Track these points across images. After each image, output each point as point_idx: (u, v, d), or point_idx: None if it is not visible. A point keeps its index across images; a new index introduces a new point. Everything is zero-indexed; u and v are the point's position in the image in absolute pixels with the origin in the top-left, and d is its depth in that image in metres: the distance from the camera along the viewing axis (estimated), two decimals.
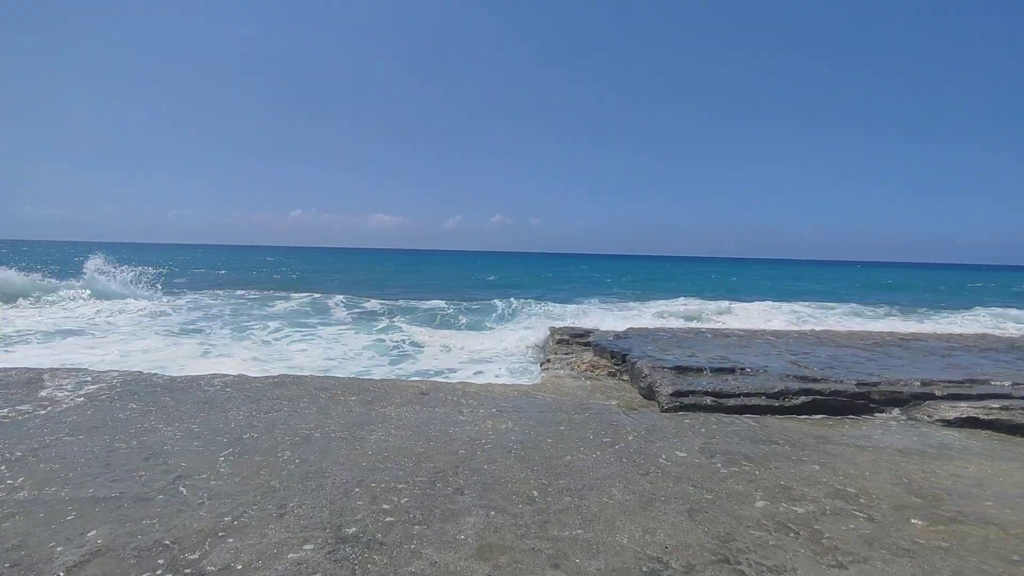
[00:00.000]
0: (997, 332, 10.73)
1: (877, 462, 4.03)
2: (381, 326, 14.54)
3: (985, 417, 4.87)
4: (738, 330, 10.19)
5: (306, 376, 6.36)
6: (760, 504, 3.22)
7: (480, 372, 9.32)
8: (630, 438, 4.35)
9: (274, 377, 6.12)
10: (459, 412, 5.02)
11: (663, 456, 3.98)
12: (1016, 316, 19.16)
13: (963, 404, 5.14)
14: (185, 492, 3.10)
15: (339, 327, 14.34)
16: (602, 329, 10.28)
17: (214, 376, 6.01)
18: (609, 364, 7.36)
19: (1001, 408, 4.97)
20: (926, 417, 5.08)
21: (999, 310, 22.02)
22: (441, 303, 21.11)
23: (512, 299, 20.80)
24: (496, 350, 11.21)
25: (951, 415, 4.98)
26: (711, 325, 11.81)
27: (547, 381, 6.80)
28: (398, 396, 5.51)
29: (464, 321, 16.63)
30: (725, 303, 19.55)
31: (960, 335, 10.19)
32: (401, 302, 21.36)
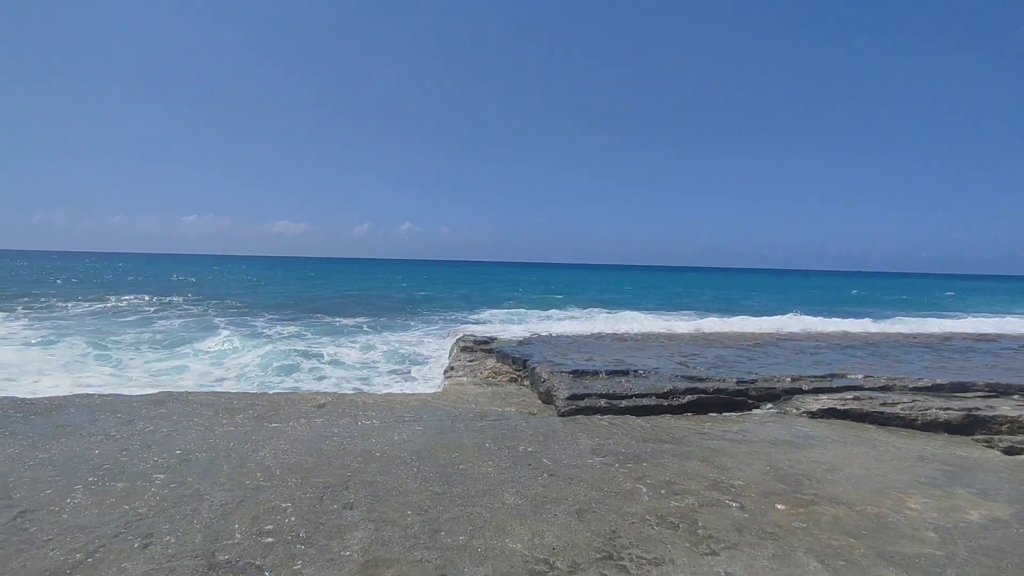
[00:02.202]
0: (857, 330, 11.98)
1: (751, 454, 4.37)
2: (281, 337, 13.86)
3: (842, 407, 5.43)
4: (635, 333, 10.67)
5: (191, 393, 5.93)
6: (645, 500, 3.39)
7: (382, 382, 9.11)
8: (526, 443, 4.43)
9: (153, 395, 5.65)
10: (356, 424, 4.88)
11: (557, 459, 4.09)
12: (879, 316, 21.49)
13: (824, 397, 5.69)
14: (30, 528, 2.78)
15: (233, 339, 13.50)
16: (506, 336, 10.40)
17: (79, 396, 5.46)
18: (511, 370, 7.46)
19: (854, 399, 5.56)
20: (794, 410, 5.58)
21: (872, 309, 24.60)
22: (345, 312, 20.45)
23: (418, 307, 20.56)
24: (400, 359, 11.02)
25: (814, 407, 5.50)
26: (610, 329, 12.29)
27: (449, 389, 6.78)
28: (293, 410, 5.27)
29: (368, 330, 16.20)
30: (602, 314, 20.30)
31: (827, 334, 11.29)
32: (302, 312, 20.48)
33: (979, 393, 5.93)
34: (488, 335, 10.38)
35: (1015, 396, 5.86)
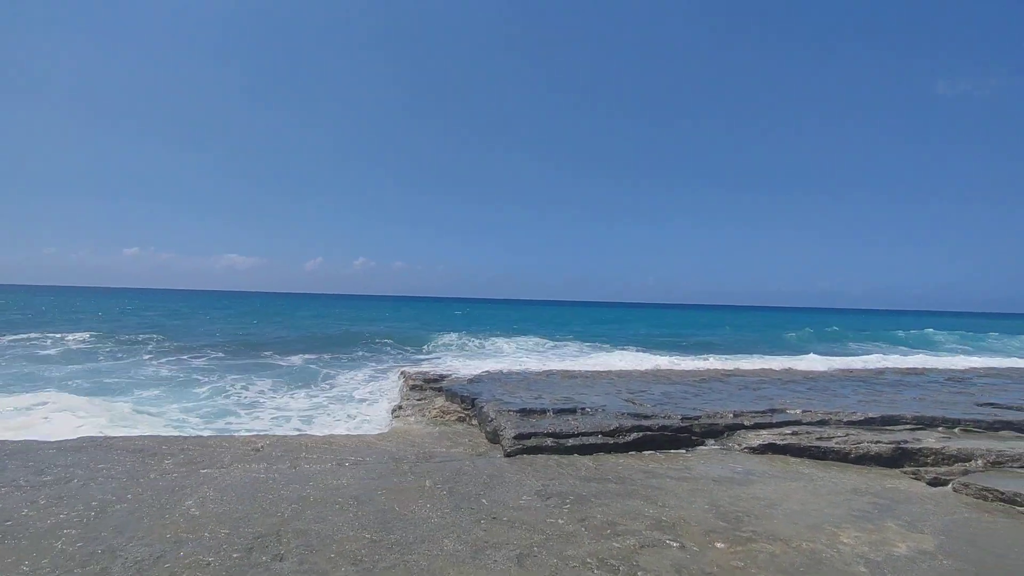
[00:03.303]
0: (799, 367, 12.43)
1: (694, 491, 4.41)
2: (218, 375, 13.26)
3: (781, 442, 5.57)
4: (585, 371, 10.74)
5: (114, 438, 5.58)
6: (587, 542, 3.35)
7: (326, 423, 8.81)
8: (470, 485, 4.34)
9: (70, 441, 5.28)
10: (294, 468, 4.69)
11: (501, 502, 4.01)
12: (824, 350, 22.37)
13: (765, 432, 5.84)
14: None
15: (165, 378, 12.84)
16: (459, 373, 10.28)
17: None
18: (460, 409, 7.35)
19: (792, 433, 5.73)
20: (736, 446, 5.69)
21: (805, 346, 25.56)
22: (291, 349, 19.80)
23: (369, 343, 20.14)
24: (346, 398, 10.71)
25: (755, 443, 5.62)
26: (561, 366, 12.35)
27: (395, 430, 6.62)
28: (228, 454, 5.02)
29: (314, 367, 15.72)
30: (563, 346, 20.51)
31: (768, 370, 11.65)
32: (245, 348, 19.71)
33: (907, 426, 6.20)
34: (439, 373, 10.23)
35: (939, 428, 6.16)
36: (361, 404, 10.23)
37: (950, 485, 4.66)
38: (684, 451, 5.66)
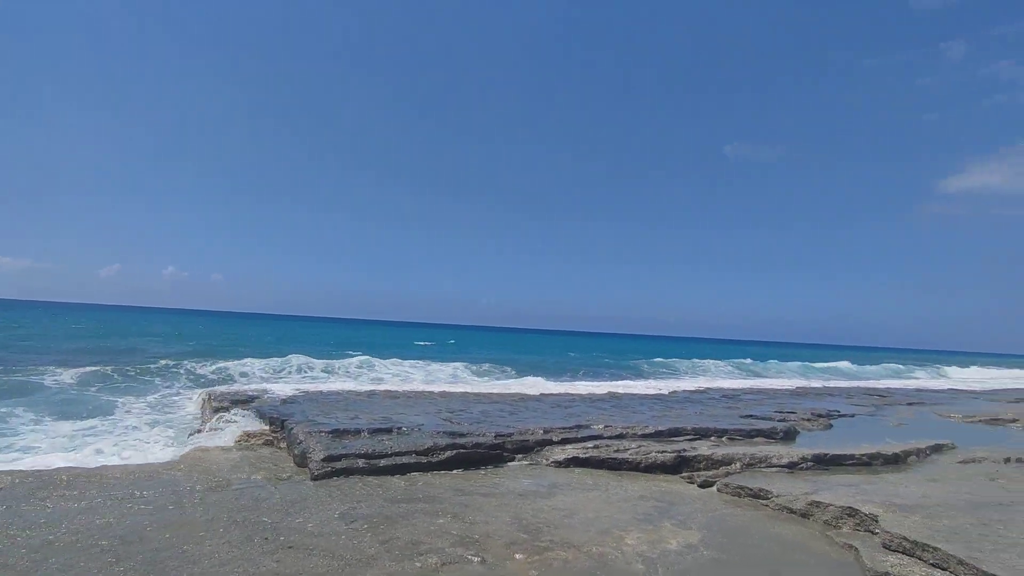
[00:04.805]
0: (603, 388, 13.63)
1: (500, 506, 4.54)
2: None
3: (583, 456, 6.00)
4: (408, 391, 10.62)
5: None
6: (387, 565, 3.26)
7: (103, 450, 7.53)
8: (268, 513, 4.00)
9: None
10: (46, 507, 3.92)
11: (300, 529, 3.75)
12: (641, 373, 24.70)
13: (570, 447, 6.25)
14: None
15: None
16: (272, 394, 9.50)
17: None
18: (268, 432, 6.79)
19: (594, 447, 6.21)
20: (544, 460, 6.01)
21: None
22: (68, 365, 16.71)
23: (171, 360, 17.79)
24: (133, 422, 9.29)
25: (561, 457, 5.99)
26: (385, 387, 12.09)
27: (188, 456, 5.89)
28: None
29: (96, 388, 13.45)
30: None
31: (576, 392, 12.57)
32: (11, 367, 16.19)
33: (688, 436, 7.08)
34: (249, 393, 9.37)
35: (712, 438, 7.12)
36: (152, 428, 8.94)
37: (715, 486, 5.39)
38: (496, 467, 5.83)
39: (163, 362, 17.92)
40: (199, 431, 7.52)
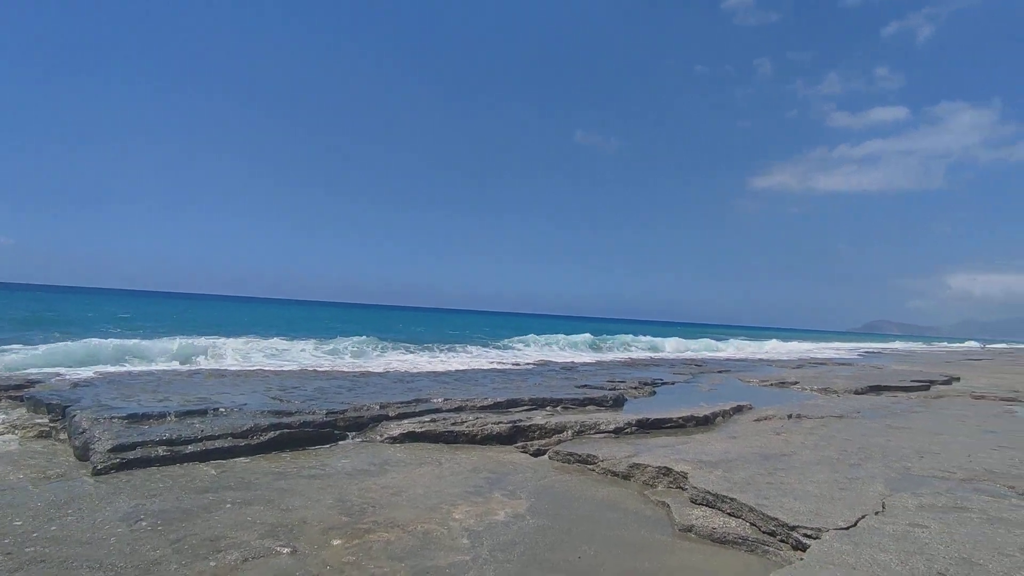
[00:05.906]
0: (453, 363, 13.63)
1: (323, 488, 4.23)
2: None
3: (420, 430, 5.85)
4: (237, 370, 9.70)
5: None
6: (173, 568, 2.83)
7: None
8: (19, 521, 3.30)
9: None
10: None
11: (62, 536, 3.14)
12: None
13: (407, 421, 6.06)
14: None
15: None
16: (61, 378, 8.06)
17: None
18: (45, 421, 5.72)
19: (431, 420, 6.09)
20: (379, 437, 5.76)
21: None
22: None
23: None
24: None
25: (396, 432, 5.79)
26: (212, 365, 10.94)
27: None
28: None
29: None
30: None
31: (422, 369, 12.42)
32: None
33: (525, 407, 7.24)
34: (31, 378, 7.87)
35: (547, 408, 7.37)
36: None
37: (547, 454, 5.54)
38: (326, 447, 5.47)
39: None
40: None
